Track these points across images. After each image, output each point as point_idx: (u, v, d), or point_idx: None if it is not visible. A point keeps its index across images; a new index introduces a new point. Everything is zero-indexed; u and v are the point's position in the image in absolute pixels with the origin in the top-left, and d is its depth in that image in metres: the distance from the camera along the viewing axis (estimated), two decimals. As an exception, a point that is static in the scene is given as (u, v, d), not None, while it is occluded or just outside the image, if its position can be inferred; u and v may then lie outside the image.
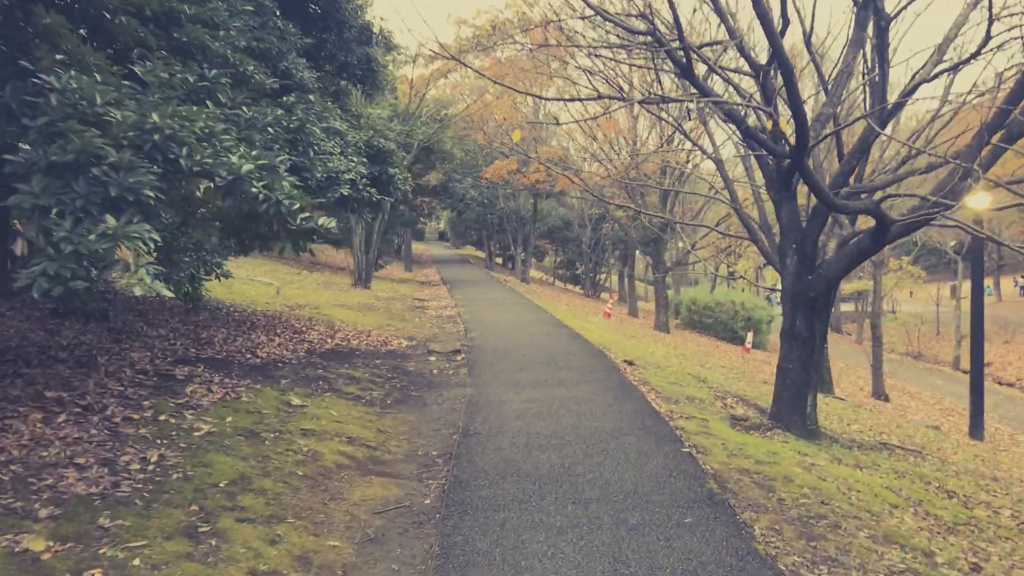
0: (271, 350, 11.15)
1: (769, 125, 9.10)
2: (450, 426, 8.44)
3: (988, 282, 50.46)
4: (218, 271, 10.02)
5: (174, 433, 6.55)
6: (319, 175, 9.53)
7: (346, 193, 9.89)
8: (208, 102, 6.66)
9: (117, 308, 10.74)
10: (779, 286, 17.87)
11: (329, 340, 13.00)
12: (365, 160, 11.14)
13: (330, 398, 9.06)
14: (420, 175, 30.75)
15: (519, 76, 32.66)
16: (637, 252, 37.64)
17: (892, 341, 46.30)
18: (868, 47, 11.03)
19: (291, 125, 7.26)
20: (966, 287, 45.03)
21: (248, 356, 10.48)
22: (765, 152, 11.10)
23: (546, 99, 21.65)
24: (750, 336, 30.29)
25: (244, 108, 6.80)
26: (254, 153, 5.62)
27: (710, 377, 15.10)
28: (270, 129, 6.70)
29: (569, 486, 6.35)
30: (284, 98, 9.16)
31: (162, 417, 6.88)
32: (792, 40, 33.05)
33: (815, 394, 11.15)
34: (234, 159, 5.19)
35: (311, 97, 10.62)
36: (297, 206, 5.93)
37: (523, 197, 40.87)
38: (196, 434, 6.64)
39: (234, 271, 21.37)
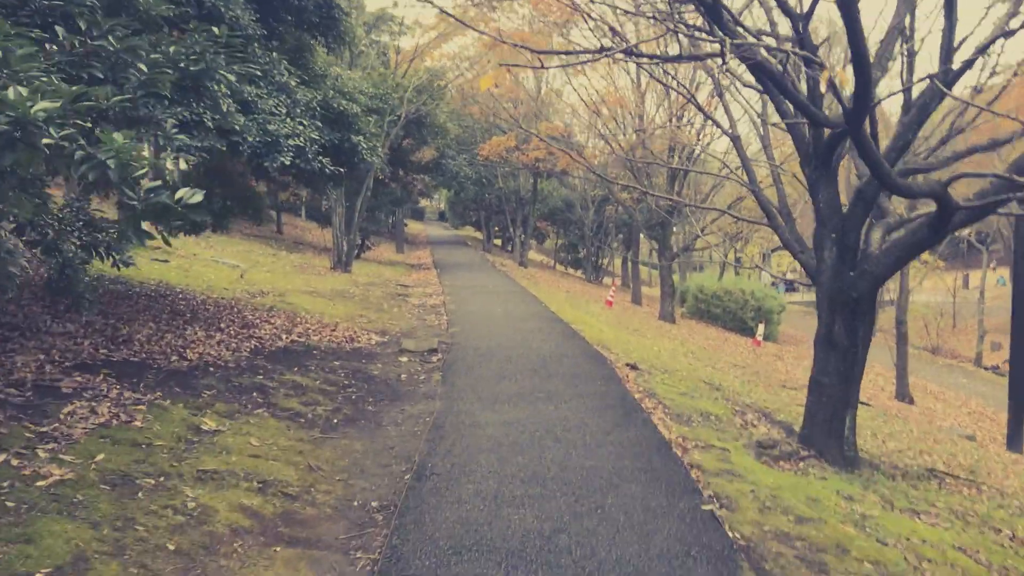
0: (206, 350, 9.33)
1: (822, 81, 7.19)
2: (404, 460, 6.63)
3: (1003, 273, 48.50)
4: (116, 256, 8.13)
5: (6, 484, 4.74)
6: (252, 139, 7.68)
7: (287, 162, 8.04)
8: (58, 28, 4.81)
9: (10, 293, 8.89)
10: (790, 274, 15.82)
11: (284, 336, 11.18)
12: (319, 124, 9.27)
13: (259, 418, 7.25)
14: (412, 151, 28.82)
15: (518, 51, 30.62)
16: (642, 236, 35.71)
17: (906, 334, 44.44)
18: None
19: (190, 67, 5.41)
20: (982, 277, 43.22)
21: (173, 358, 8.66)
22: (801, 120, 9.25)
23: (542, 52, 19.62)
24: (761, 328, 28.49)
25: (111, 39, 4.92)
26: (74, 89, 3.77)
27: (724, 382, 13.29)
28: (142, 67, 4.84)
29: (548, 572, 4.54)
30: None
31: (1, 457, 5.08)
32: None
33: (855, 414, 9.34)
34: (12, 95, 3.33)
35: (257, 48, 8.74)
36: (143, 171, 4.08)
37: (523, 176, 38.96)
38: (40, 484, 4.84)
39: (201, 251, 19.58)
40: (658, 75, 20.74)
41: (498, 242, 54.19)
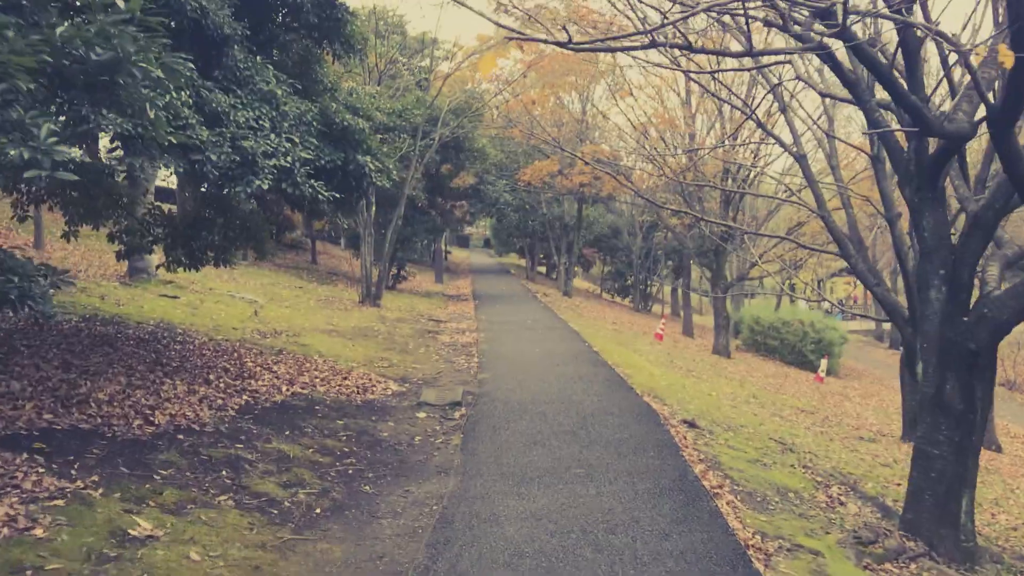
0: (181, 410, 7.85)
1: (974, 59, 5.53)
2: (393, 577, 5.01)
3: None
4: (32, 305, 6.59)
5: None
6: (218, 157, 6.20)
7: (267, 186, 6.53)
8: None
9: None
10: (846, 302, 13.96)
11: (284, 388, 9.68)
12: (315, 142, 7.78)
13: (218, 511, 5.70)
14: (450, 176, 27.44)
15: (561, 75, 29.24)
16: (693, 264, 33.78)
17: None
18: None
19: (91, 54, 3.95)
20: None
21: (136, 423, 7.19)
22: (898, 129, 7.53)
23: (579, 47, 18.73)
24: (824, 363, 26.34)
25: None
26: None
27: (796, 438, 11.43)
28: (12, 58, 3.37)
29: None
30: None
31: None
32: None
33: (973, 494, 7.47)
34: None
35: (237, 51, 7.31)
36: None
37: (567, 202, 37.38)
38: None
39: (219, 285, 18.31)
40: (714, 89, 19.06)
41: (542, 269, 52.58)
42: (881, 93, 9.81)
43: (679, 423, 9.71)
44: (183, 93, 6.26)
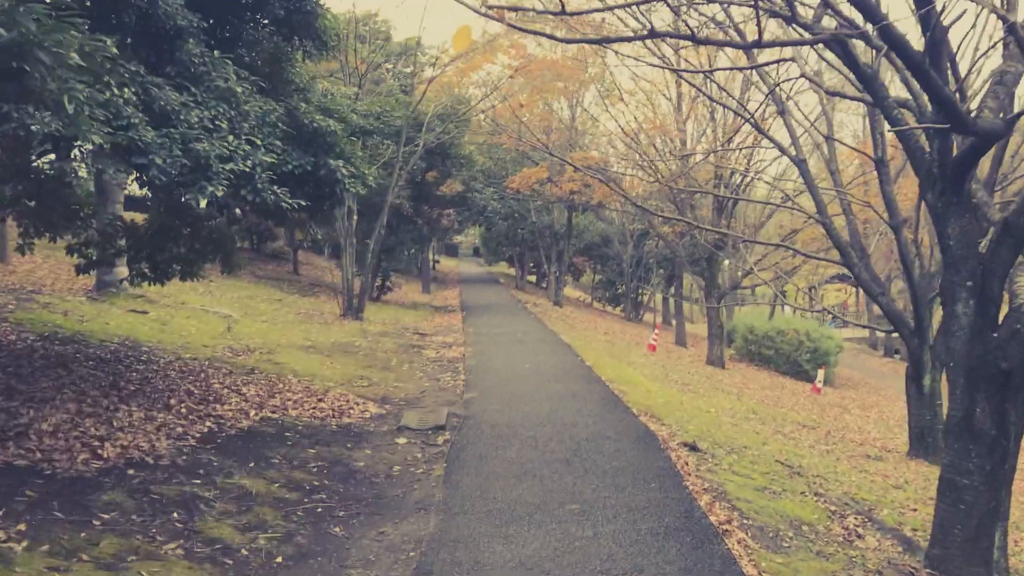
0: (135, 440, 7.12)
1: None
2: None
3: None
4: None
5: None
6: (164, 161, 5.51)
7: (220, 193, 5.82)
8: None
9: None
10: (839, 310, 13.38)
11: (253, 412, 8.94)
12: (280, 144, 7.07)
13: (163, 562, 4.98)
14: (436, 184, 26.72)
15: (550, 80, 28.58)
16: (685, 272, 33.19)
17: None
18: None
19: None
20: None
21: (81, 457, 6.46)
22: (929, 126, 6.90)
23: (574, 41, 18.26)
24: (821, 374, 25.78)
25: None
26: None
27: (802, 459, 10.77)
28: None
29: None
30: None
31: None
32: None
33: (1006, 527, 6.82)
34: None
35: (191, 45, 6.61)
36: None
37: (557, 210, 36.72)
38: None
39: (193, 299, 17.53)
40: (707, 91, 18.46)
41: (532, 278, 51.89)
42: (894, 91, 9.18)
43: (679, 446, 9.02)
44: (126, 89, 5.57)
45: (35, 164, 9.30)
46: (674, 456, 8.34)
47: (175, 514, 5.80)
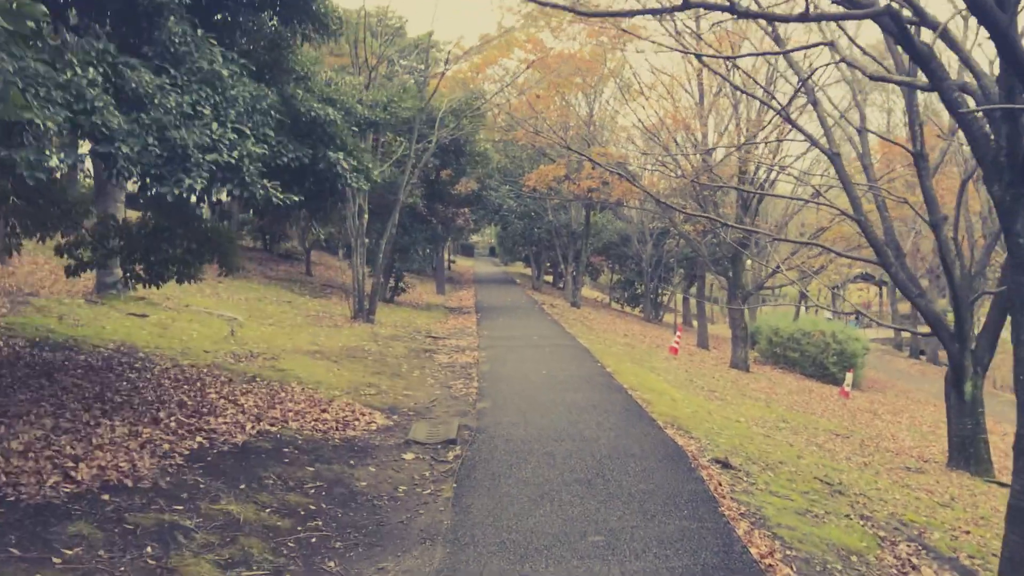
0: (114, 459, 6.49)
1: None
2: None
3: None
4: None
5: None
6: (132, 149, 4.86)
7: (200, 186, 5.17)
8: None
9: None
10: (864, 309, 12.57)
11: (250, 426, 8.30)
12: (271, 134, 6.40)
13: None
14: (451, 182, 26.05)
15: (567, 75, 27.85)
16: (707, 271, 32.33)
17: (1004, 376, 39.89)
18: None
19: None
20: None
21: (52, 479, 5.84)
22: (989, 107, 6.16)
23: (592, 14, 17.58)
24: (850, 377, 24.84)
25: None
26: None
27: (842, 473, 10.00)
28: None
29: None
30: None
31: None
32: None
33: (1087, 561, 6.04)
34: None
35: (171, 24, 5.95)
36: None
37: (574, 209, 36.00)
38: None
39: (198, 300, 16.97)
40: (733, 81, 17.69)
41: (549, 278, 51.16)
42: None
43: (711, 463, 8.30)
44: (91, 69, 4.92)
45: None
46: (706, 475, 7.61)
47: (149, 548, 5.15)
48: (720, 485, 7.46)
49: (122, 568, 4.82)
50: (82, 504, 5.58)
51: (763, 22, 13.11)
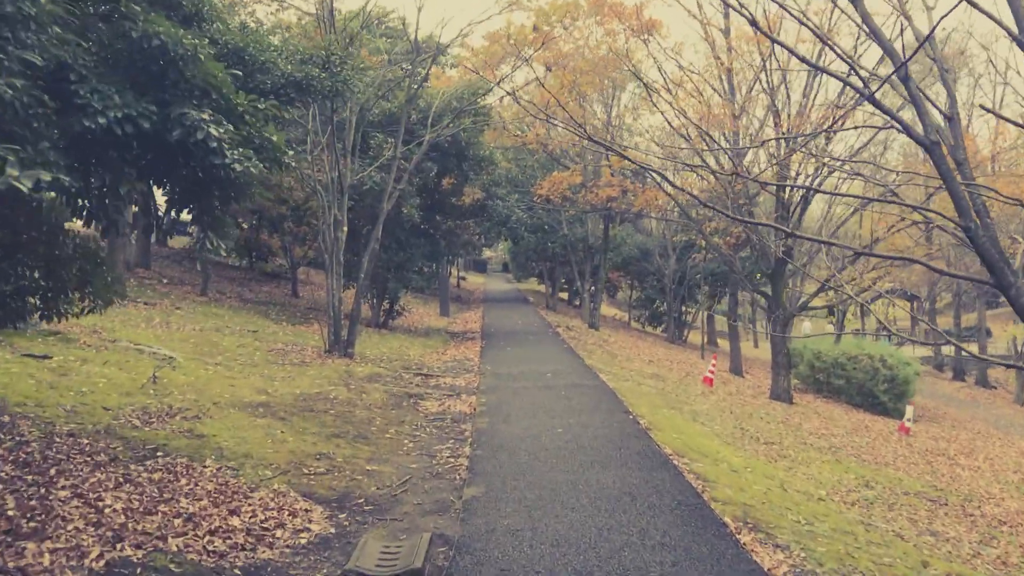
0: None
1: None
2: None
3: None
4: None
5: None
6: None
7: None
8: None
9: None
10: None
11: (96, 551, 5.24)
12: (84, 74, 3.35)
13: None
14: (453, 193, 23.01)
15: (586, 70, 24.97)
16: (740, 289, 29.20)
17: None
18: None
19: None
20: None
21: None
22: None
23: None
24: (910, 411, 21.49)
25: None
26: None
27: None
28: None
29: None
30: None
31: None
32: None
33: None
34: None
35: None
36: None
37: (591, 221, 32.89)
38: None
39: (133, 334, 13.84)
40: (769, 67, 14.58)
41: (564, 295, 47.97)
42: None
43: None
44: None
45: None
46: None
47: None
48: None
49: None
50: None
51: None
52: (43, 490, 6.10)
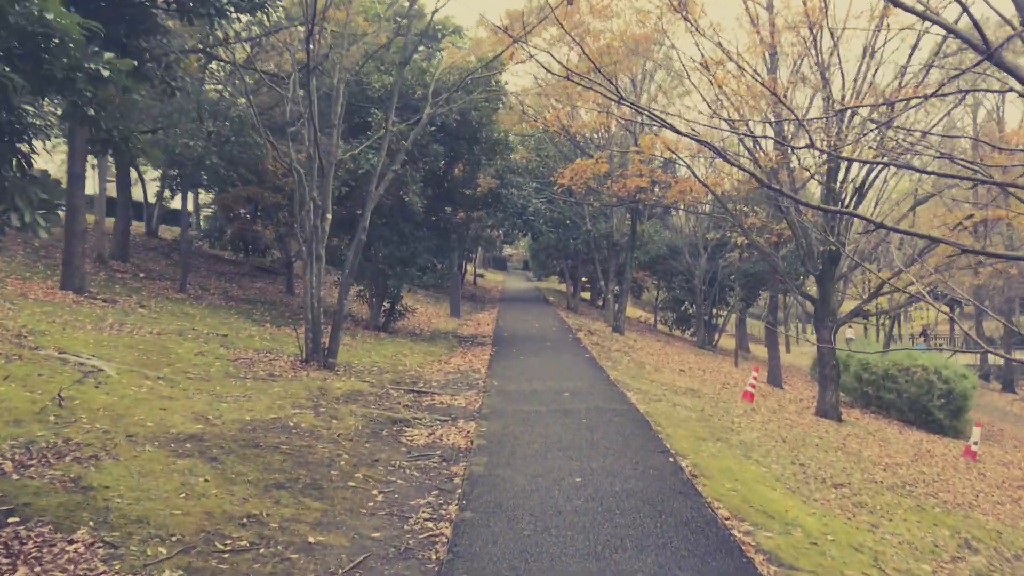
0: None
1: None
2: None
3: None
4: None
5: None
6: None
7: None
8: None
9: None
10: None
11: None
12: None
13: None
14: (463, 182, 20.69)
15: (617, 47, 22.69)
16: (781, 291, 26.68)
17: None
18: None
19: None
20: None
21: None
22: None
23: None
24: (977, 432, 18.93)
25: None
26: None
27: None
28: None
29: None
30: None
31: None
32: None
33: None
34: None
35: None
36: None
37: (616, 216, 30.49)
38: None
39: (70, 339, 11.42)
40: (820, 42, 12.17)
41: (586, 295, 45.56)
42: None
43: None
44: None
45: None
46: None
47: None
48: None
49: None
50: None
51: None
52: None
